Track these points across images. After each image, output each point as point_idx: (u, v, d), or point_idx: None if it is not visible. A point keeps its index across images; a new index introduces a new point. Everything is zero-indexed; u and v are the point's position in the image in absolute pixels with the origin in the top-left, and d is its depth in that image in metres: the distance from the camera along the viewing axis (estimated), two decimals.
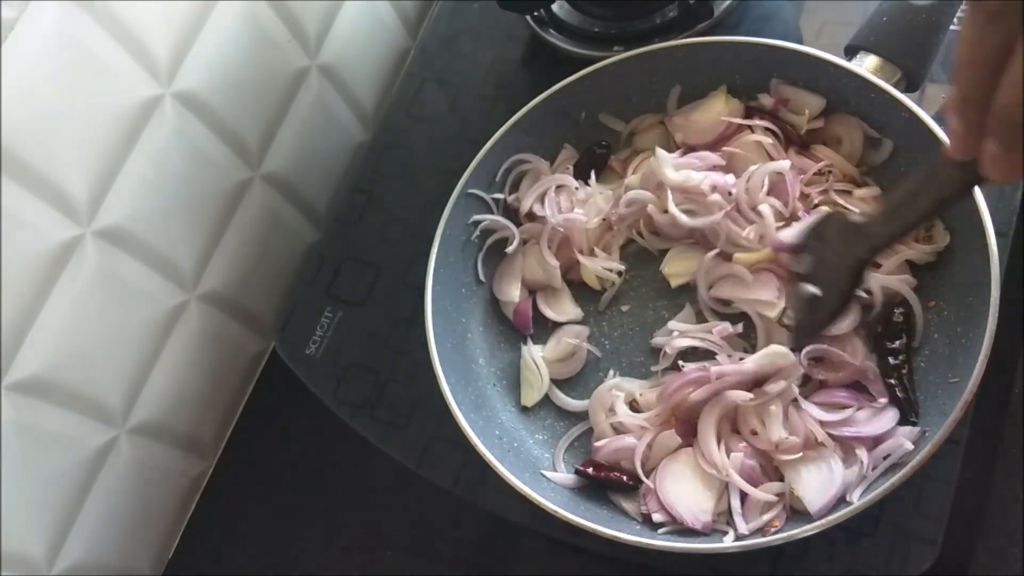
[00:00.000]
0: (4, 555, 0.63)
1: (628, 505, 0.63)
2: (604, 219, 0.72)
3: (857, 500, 0.55)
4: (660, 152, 0.68)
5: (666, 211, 0.68)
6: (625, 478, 0.63)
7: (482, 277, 0.73)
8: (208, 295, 0.77)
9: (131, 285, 0.69)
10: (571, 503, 0.62)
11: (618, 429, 0.65)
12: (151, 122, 0.68)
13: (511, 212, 0.75)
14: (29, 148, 0.59)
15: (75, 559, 0.69)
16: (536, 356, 0.70)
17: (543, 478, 0.64)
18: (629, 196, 0.70)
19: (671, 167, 0.68)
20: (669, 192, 0.68)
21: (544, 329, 0.72)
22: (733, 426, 0.62)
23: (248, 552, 0.77)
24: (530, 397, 0.69)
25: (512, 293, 0.72)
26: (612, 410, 0.65)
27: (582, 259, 0.71)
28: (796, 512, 0.59)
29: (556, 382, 0.70)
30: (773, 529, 0.58)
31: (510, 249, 0.72)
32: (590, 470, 0.63)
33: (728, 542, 0.57)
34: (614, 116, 0.76)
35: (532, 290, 0.73)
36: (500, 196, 0.74)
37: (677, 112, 0.73)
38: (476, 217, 0.73)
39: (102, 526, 0.71)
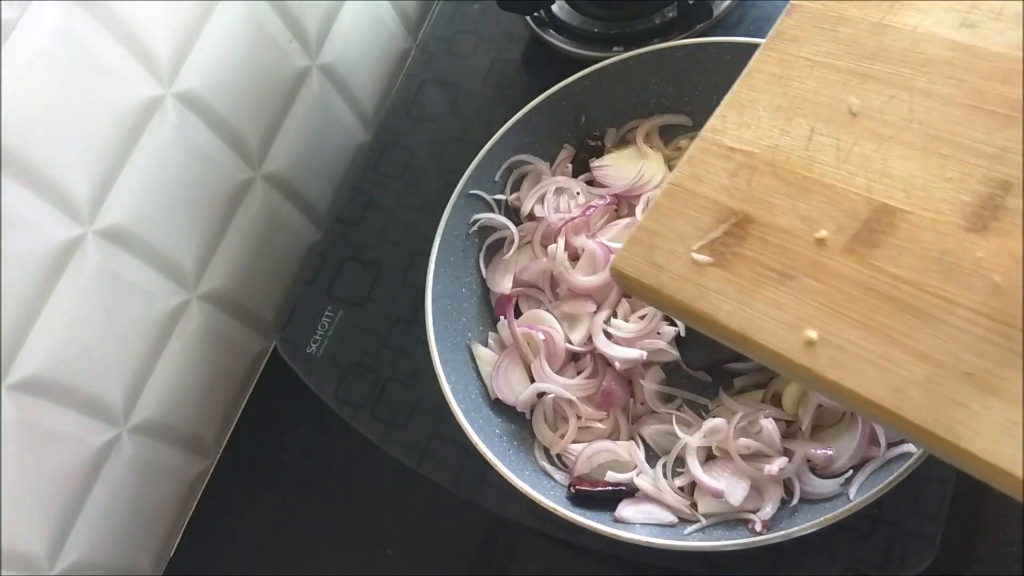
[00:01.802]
0: (5, 554, 0.63)
1: None
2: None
3: (854, 497, 0.56)
4: None
5: None
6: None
7: (484, 277, 0.74)
8: (209, 294, 0.77)
9: (132, 284, 0.69)
10: (571, 502, 0.62)
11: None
12: (152, 122, 0.68)
13: (512, 212, 0.75)
14: (30, 148, 0.59)
15: (76, 558, 0.69)
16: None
17: (543, 477, 0.65)
18: None
19: None
20: None
21: None
22: None
23: (248, 552, 0.77)
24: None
25: (504, 285, 0.72)
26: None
27: None
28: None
29: None
30: (758, 527, 0.58)
31: (508, 255, 0.72)
32: (585, 488, 0.63)
33: (728, 541, 0.57)
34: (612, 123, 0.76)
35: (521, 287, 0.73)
36: (501, 197, 0.75)
37: None
38: (476, 216, 0.73)
39: (103, 525, 0.72)
